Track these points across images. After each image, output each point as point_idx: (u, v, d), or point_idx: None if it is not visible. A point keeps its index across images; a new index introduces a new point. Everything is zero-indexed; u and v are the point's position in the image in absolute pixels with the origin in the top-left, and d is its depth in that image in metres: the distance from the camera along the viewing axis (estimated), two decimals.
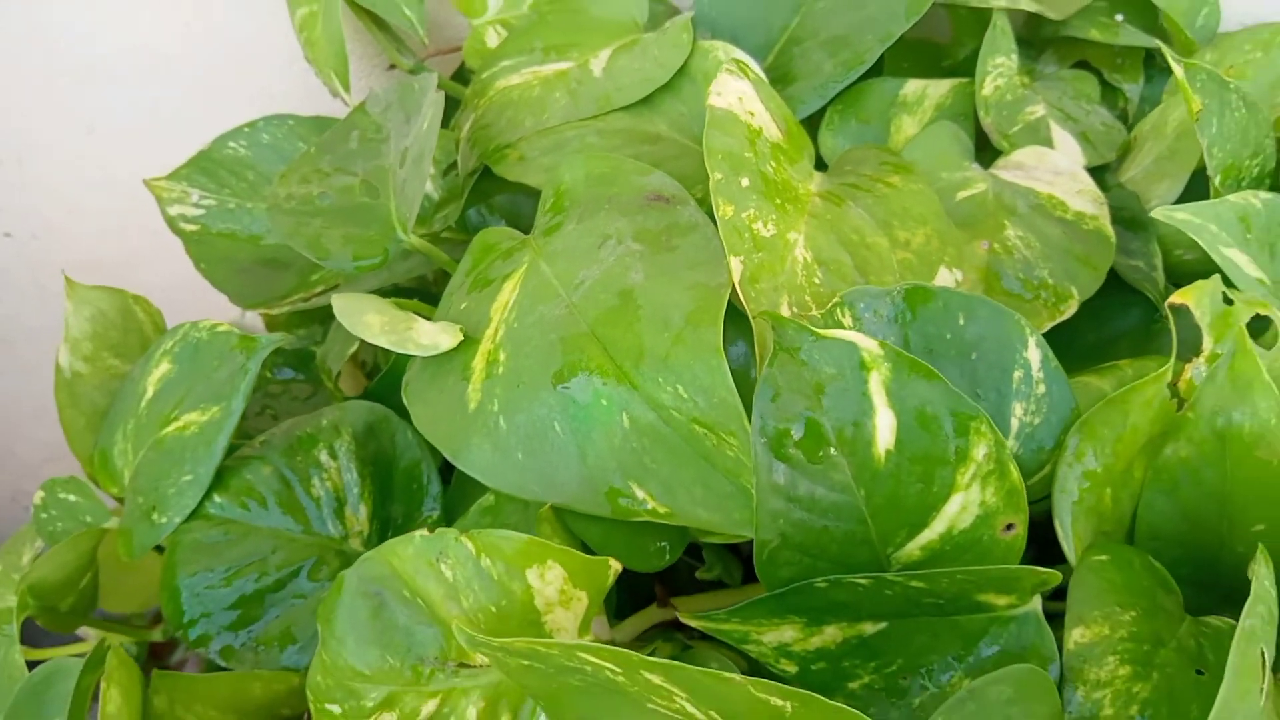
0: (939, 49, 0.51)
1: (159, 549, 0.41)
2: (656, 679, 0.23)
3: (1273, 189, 0.44)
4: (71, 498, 0.43)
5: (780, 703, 0.23)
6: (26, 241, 0.71)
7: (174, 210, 0.51)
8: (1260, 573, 0.27)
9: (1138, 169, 0.44)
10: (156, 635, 0.47)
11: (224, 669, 0.35)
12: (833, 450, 0.27)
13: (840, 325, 0.31)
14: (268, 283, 0.49)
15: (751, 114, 0.35)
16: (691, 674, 0.23)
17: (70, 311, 0.42)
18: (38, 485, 0.93)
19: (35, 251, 0.71)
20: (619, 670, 0.24)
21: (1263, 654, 0.26)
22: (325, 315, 0.51)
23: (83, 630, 0.49)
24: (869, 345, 0.27)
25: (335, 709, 0.28)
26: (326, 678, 0.28)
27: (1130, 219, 0.42)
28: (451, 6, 0.53)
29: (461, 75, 0.56)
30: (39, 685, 0.39)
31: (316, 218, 0.38)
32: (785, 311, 0.31)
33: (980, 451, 0.27)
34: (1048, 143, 0.44)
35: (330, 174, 0.41)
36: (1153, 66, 0.54)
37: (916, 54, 0.51)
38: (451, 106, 0.51)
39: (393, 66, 0.55)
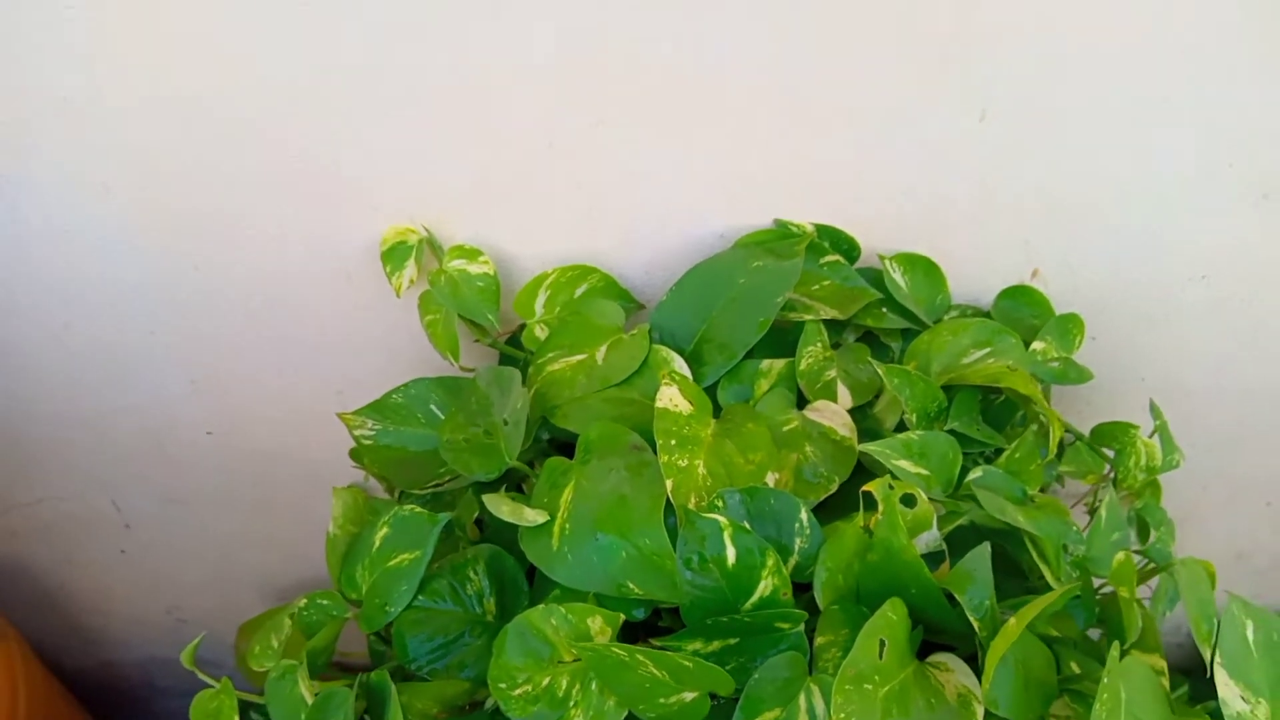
0: (787, 333, 0.92)
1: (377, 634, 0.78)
2: (641, 658, 0.61)
3: (944, 415, 0.84)
4: (325, 602, 0.80)
5: (687, 664, 0.61)
6: (221, 437, 1.09)
7: (357, 432, 0.89)
8: (885, 607, 0.65)
9: (881, 406, 0.85)
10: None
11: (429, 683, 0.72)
12: (711, 565, 0.66)
13: (716, 507, 0.70)
14: (413, 474, 0.87)
15: (677, 405, 0.74)
16: (654, 653, 0.61)
17: (335, 502, 0.80)
18: (188, 601, 1.29)
19: (227, 444, 1.09)
20: (626, 655, 0.62)
21: (882, 641, 0.64)
22: (446, 494, 0.89)
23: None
24: (722, 520, 0.66)
25: (503, 685, 0.66)
26: (499, 671, 0.65)
27: (876, 435, 0.82)
28: (513, 312, 0.93)
29: (514, 341, 0.96)
30: (324, 700, 0.75)
31: (465, 452, 0.77)
32: (692, 501, 0.70)
33: (770, 562, 0.66)
34: (835, 394, 0.84)
35: (466, 425, 0.80)
36: (910, 334, 0.95)
37: (774, 340, 0.90)
38: (508, 359, 0.91)
39: (478, 340, 0.95)
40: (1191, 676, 1.30)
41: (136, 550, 1.19)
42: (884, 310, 0.92)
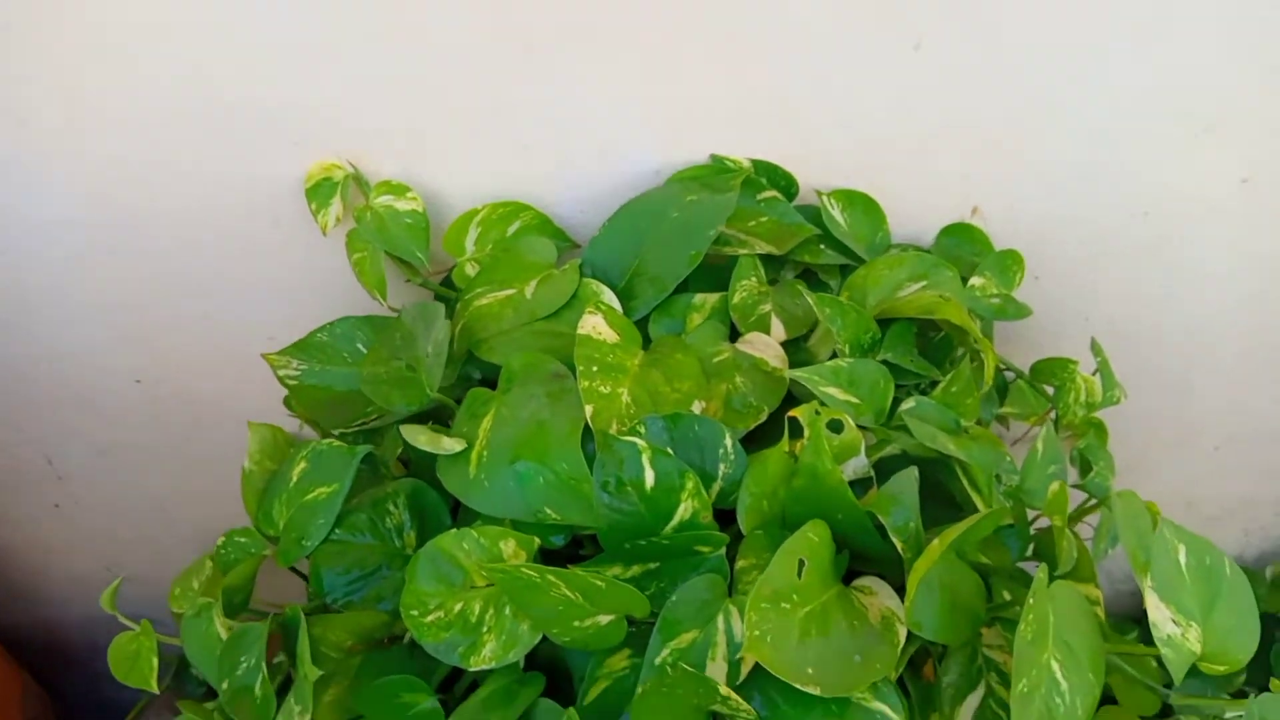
0: (721, 270, 0.90)
1: (294, 570, 0.76)
2: (552, 578, 0.60)
3: (882, 348, 0.83)
4: (243, 539, 0.78)
5: (599, 583, 0.60)
6: (150, 386, 1.06)
7: (282, 372, 0.87)
8: (805, 529, 0.64)
9: (815, 339, 0.83)
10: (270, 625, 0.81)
11: None
12: (628, 488, 0.65)
13: (638, 433, 0.68)
14: (339, 414, 0.85)
15: (599, 333, 0.73)
16: (564, 573, 0.59)
17: (250, 438, 0.78)
18: (127, 557, 1.27)
19: (157, 394, 1.06)
20: (537, 576, 0.60)
21: (801, 561, 0.63)
22: (374, 433, 0.87)
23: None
24: (640, 443, 0.65)
25: (415, 613, 0.64)
26: (410, 598, 0.64)
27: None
28: (444, 251, 0.90)
29: (448, 282, 0.94)
30: (238, 636, 0.73)
31: (384, 384, 0.75)
32: (614, 429, 0.69)
33: (690, 485, 0.65)
34: (769, 329, 0.83)
35: (389, 359, 0.78)
36: (848, 270, 0.94)
37: (710, 276, 0.89)
38: (441, 300, 0.89)
39: (409, 280, 0.92)
40: (1141, 624, 1.30)
41: (70, 505, 1.17)
42: (822, 247, 0.91)
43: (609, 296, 0.80)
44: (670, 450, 0.67)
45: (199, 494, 1.14)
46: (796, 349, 0.83)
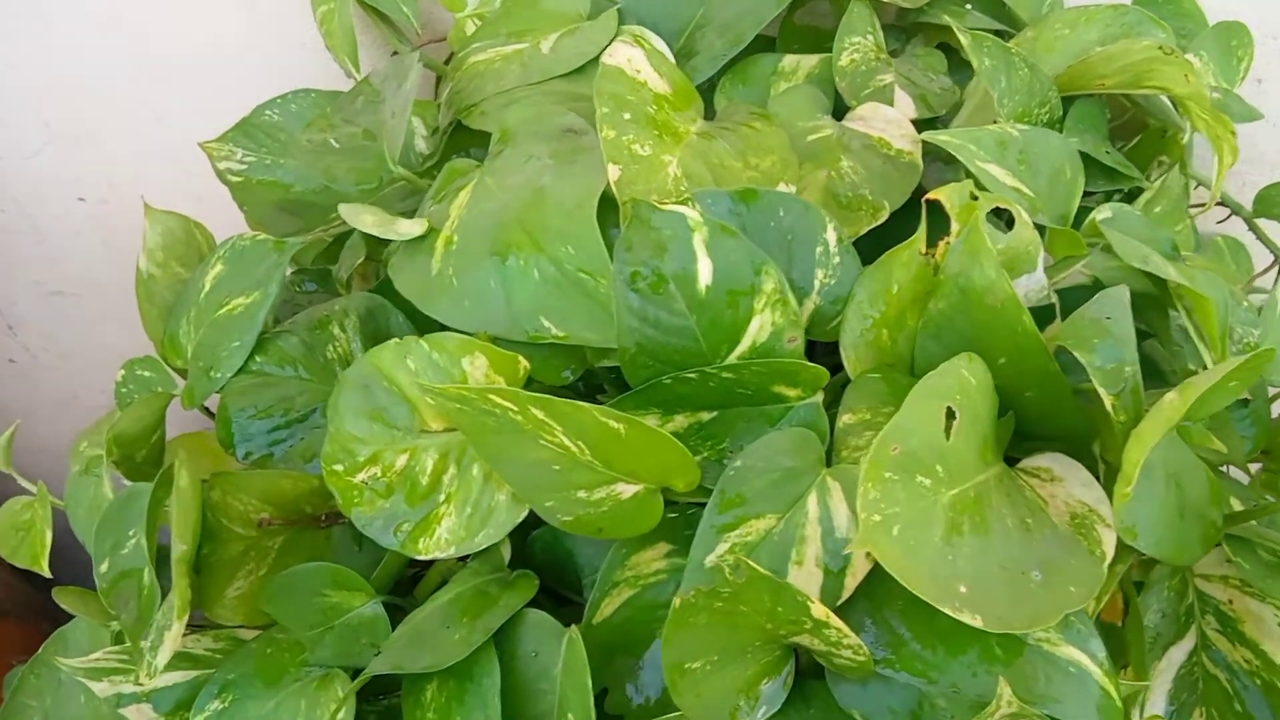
0: (824, 33, 0.64)
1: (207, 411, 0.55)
2: (540, 414, 0.37)
3: (1062, 130, 0.56)
4: (146, 374, 0.57)
5: (616, 425, 0.37)
6: (96, 205, 0.85)
7: (223, 165, 0.64)
8: (956, 360, 0.39)
9: (958, 122, 0.57)
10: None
11: None
12: (671, 286, 0.41)
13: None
14: (295, 221, 0.63)
15: (638, 70, 0.48)
16: (559, 405, 0.36)
17: (147, 228, 0.56)
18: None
19: (105, 215, 0.86)
20: (515, 409, 0.37)
21: (950, 410, 0.38)
22: (338, 246, 0.65)
23: None
24: (693, 214, 0.41)
25: (339, 468, 0.42)
26: (333, 445, 0.42)
27: (948, 157, 0.55)
28: (440, 7, 0.66)
29: (449, 62, 0.70)
30: (124, 502, 0.53)
31: (330, 155, 0.52)
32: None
33: (769, 286, 0.41)
34: (889, 103, 0.57)
35: (340, 126, 0.55)
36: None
37: (804, 37, 0.64)
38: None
39: (395, 53, 0.69)
40: None
41: (26, 359, 0.98)
42: (967, 6, 0.64)
43: (657, 43, 0.55)
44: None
45: None
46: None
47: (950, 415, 0.39)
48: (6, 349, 0.98)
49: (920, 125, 0.56)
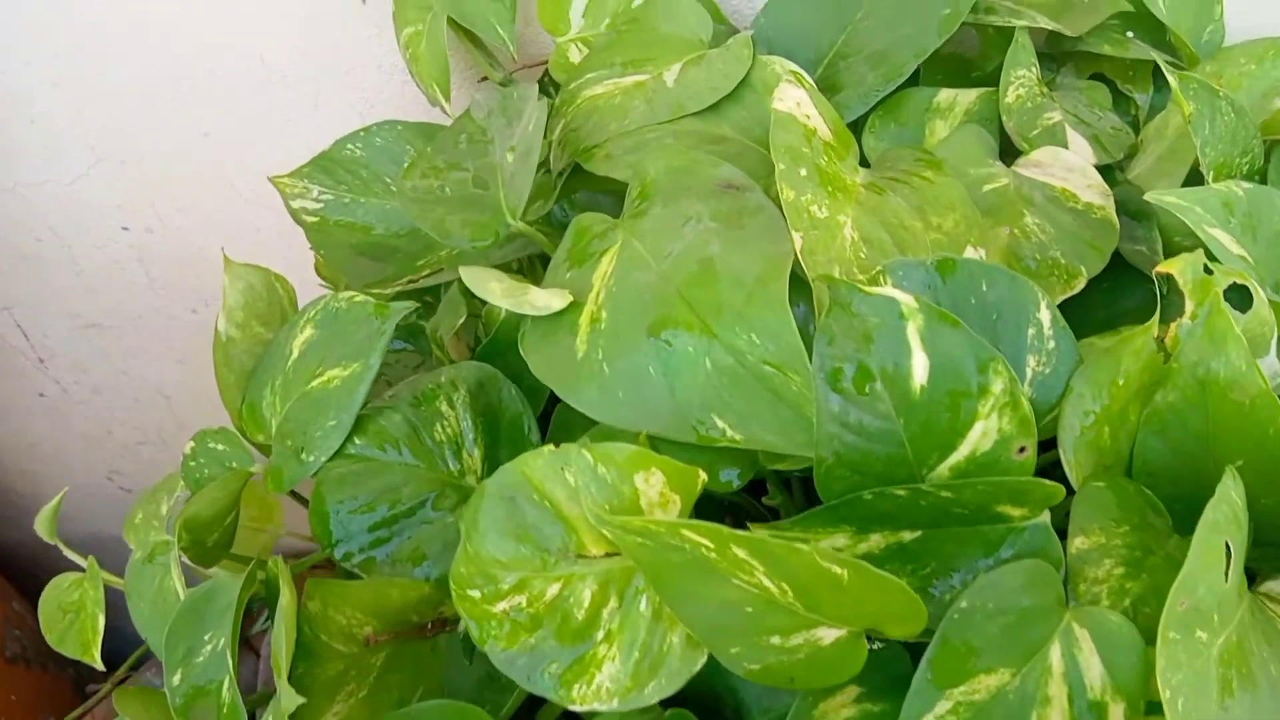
0: (969, 62, 0.58)
1: (296, 495, 0.49)
2: (741, 553, 0.30)
3: (1261, 183, 0.50)
4: (220, 446, 0.50)
5: (839, 571, 0.30)
6: (140, 234, 0.79)
7: (297, 204, 0.58)
8: (1226, 484, 0.33)
9: (1142, 167, 0.51)
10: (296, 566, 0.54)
11: None
12: (878, 385, 0.34)
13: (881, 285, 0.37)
14: (379, 267, 0.56)
15: (808, 116, 0.41)
16: (770, 545, 0.29)
17: (227, 284, 0.50)
18: (132, 465, 1.02)
19: (149, 245, 0.79)
20: (711, 546, 0.30)
21: (1227, 546, 0.32)
22: (427, 296, 0.58)
23: (214, 570, 0.56)
24: (907, 300, 0.34)
25: (475, 594, 0.35)
26: (469, 567, 0.35)
27: (1135, 210, 0.48)
28: (537, 25, 0.60)
29: (543, 88, 0.63)
30: (199, 600, 0.46)
31: (439, 206, 0.46)
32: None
33: (998, 387, 0.34)
34: (1063, 144, 0.50)
35: (445, 170, 0.48)
36: (1161, 77, 0.60)
37: (948, 67, 0.57)
38: None
39: (484, 79, 0.62)
40: None
41: (56, 393, 0.92)
42: (1129, 35, 0.57)
43: (808, 78, 0.48)
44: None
45: (210, 379, 0.88)
46: (1107, 184, 0.50)
47: (1228, 554, 0.32)
48: (37, 383, 0.92)
49: (1099, 171, 0.50)
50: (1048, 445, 0.39)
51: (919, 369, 0.34)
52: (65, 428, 0.95)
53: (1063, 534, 0.37)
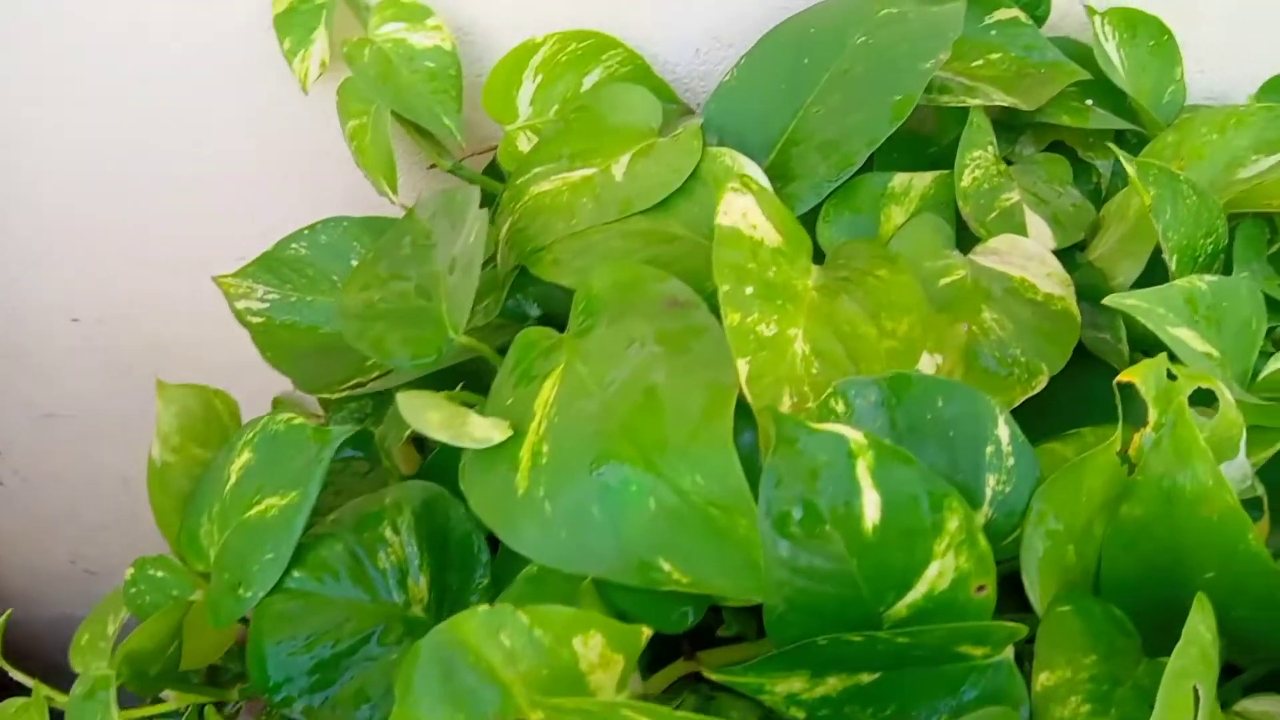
0: (924, 139, 0.57)
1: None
2: None
3: (1226, 264, 0.49)
4: (159, 574, 0.48)
5: None
6: (91, 326, 0.77)
7: (241, 304, 0.56)
8: (1195, 619, 0.31)
9: (1104, 248, 0.49)
10: (234, 696, 0.52)
11: None
12: (828, 527, 0.32)
13: (834, 413, 0.36)
14: (326, 368, 0.54)
15: (754, 227, 0.40)
16: None
17: (160, 409, 0.48)
18: (95, 548, 1.00)
19: (101, 335, 0.77)
20: None
21: (1196, 691, 0.30)
22: (378, 395, 0.56)
23: (165, 693, 0.54)
24: (855, 436, 0.32)
25: None
26: None
27: (1097, 295, 0.47)
28: (484, 112, 0.59)
29: (494, 170, 0.62)
30: None
31: (378, 321, 0.44)
32: (786, 402, 0.36)
33: (953, 524, 0.32)
34: (1021, 227, 0.49)
35: (387, 279, 0.46)
36: (1123, 143, 0.59)
37: (903, 144, 0.56)
38: (485, 199, 0.57)
39: (433, 166, 0.61)
40: None
41: (16, 483, 0.90)
42: (1089, 103, 0.56)
43: (754, 172, 0.47)
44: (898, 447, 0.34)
45: None
46: (1069, 266, 0.49)
47: (1196, 696, 0.30)
48: None
49: (1057, 255, 0.48)
50: (1013, 556, 0.37)
51: (870, 508, 0.32)
52: (26, 515, 0.93)
53: (1029, 653, 0.35)
